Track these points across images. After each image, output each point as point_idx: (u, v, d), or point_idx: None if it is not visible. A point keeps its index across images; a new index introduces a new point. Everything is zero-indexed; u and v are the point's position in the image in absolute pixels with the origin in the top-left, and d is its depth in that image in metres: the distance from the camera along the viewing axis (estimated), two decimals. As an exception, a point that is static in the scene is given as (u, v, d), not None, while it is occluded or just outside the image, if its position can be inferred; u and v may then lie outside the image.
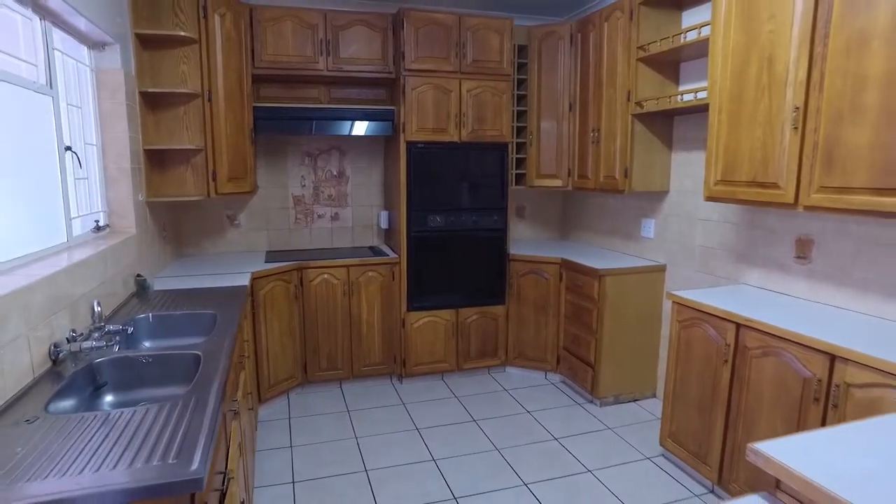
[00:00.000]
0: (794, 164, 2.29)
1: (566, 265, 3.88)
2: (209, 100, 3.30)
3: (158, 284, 2.97)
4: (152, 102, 3.18)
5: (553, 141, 4.15)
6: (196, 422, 1.38)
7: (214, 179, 3.37)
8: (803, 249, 2.68)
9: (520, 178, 4.34)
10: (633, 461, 2.99)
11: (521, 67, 4.20)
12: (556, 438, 3.24)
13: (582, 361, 3.76)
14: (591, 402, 3.72)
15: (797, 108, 2.27)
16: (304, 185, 4.21)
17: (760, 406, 2.33)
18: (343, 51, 3.71)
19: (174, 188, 3.29)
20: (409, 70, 3.67)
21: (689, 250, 3.44)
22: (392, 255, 3.95)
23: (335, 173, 4.26)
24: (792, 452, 1.19)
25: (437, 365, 4.04)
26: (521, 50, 4.18)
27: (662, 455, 3.04)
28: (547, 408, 3.66)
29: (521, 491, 2.71)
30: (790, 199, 2.32)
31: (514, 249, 4.22)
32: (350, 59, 3.74)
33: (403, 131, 3.73)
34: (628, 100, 3.44)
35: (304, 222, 4.25)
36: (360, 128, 3.82)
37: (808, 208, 2.26)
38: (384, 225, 4.30)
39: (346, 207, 4.33)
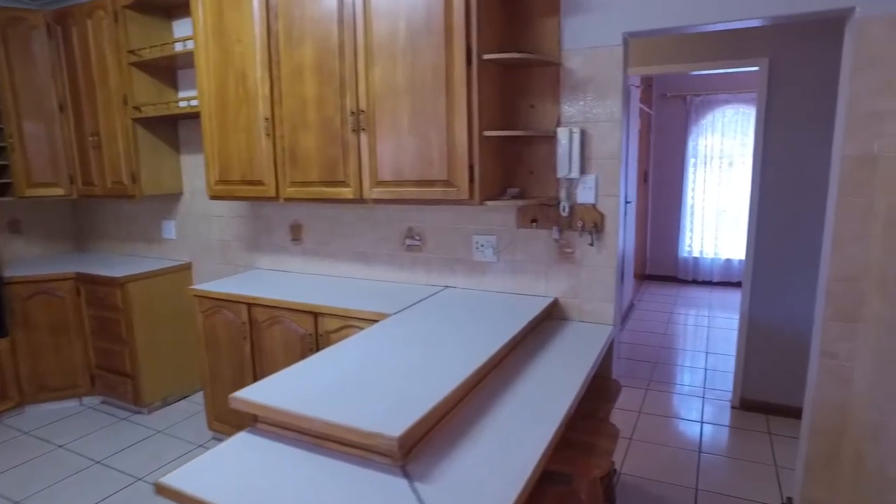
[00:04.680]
0: (271, 164, 2.78)
1: (82, 279, 3.60)
2: None
3: None
4: None
5: (45, 144, 3.72)
6: None
7: None
8: (296, 233, 3.28)
9: (6, 189, 3.73)
10: (186, 453, 3.10)
11: (-15, 59, 3.58)
12: (97, 462, 3.05)
13: (119, 374, 3.59)
14: (139, 412, 3.62)
15: (267, 118, 2.75)
16: None
17: (277, 366, 2.78)
18: None
19: None
20: None
21: (210, 245, 3.70)
22: None
23: None
24: (263, 392, 1.57)
25: (-85, 431, 3.17)
26: (-19, 38, 3.55)
27: (213, 438, 3.25)
28: (84, 435, 3.37)
29: (57, 529, 2.49)
30: (273, 193, 2.82)
31: (14, 271, 3.63)
32: None
33: None
34: (125, 103, 3.40)
35: None
36: None
37: (287, 199, 2.79)
38: None
39: None
